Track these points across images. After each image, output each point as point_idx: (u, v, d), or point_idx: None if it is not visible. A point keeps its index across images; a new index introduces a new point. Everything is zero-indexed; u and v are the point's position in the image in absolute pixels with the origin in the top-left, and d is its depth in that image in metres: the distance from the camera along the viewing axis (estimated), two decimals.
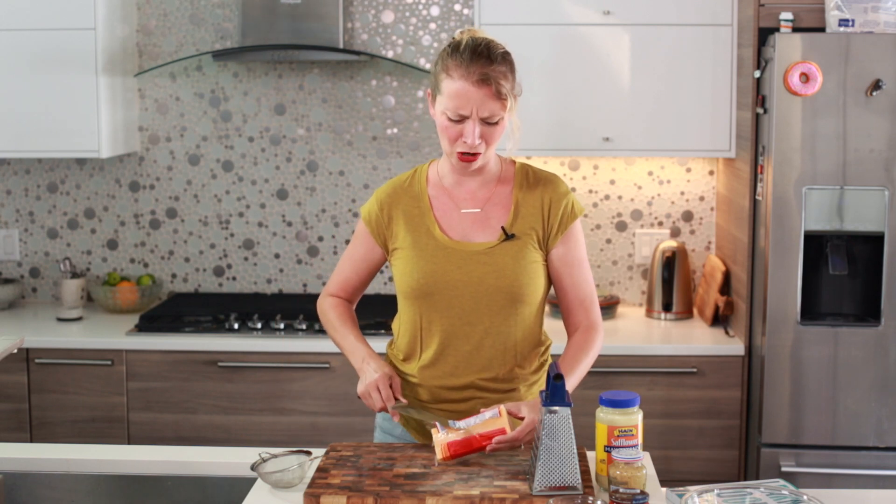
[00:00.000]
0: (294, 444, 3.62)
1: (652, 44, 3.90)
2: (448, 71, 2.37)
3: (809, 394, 3.60)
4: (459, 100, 2.35)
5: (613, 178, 4.30)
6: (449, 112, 2.37)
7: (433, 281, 2.46)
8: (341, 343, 2.58)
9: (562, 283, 2.52)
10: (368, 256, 2.58)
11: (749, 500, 2.14)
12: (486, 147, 2.41)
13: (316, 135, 4.32)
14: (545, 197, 2.49)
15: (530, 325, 2.51)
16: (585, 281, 2.53)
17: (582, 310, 2.53)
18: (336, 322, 2.60)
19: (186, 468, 2.47)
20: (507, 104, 2.37)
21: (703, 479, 3.73)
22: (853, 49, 3.47)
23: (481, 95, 2.34)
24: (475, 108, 2.35)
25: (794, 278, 3.57)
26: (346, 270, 2.63)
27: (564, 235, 2.50)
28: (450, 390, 2.50)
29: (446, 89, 2.37)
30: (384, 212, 2.54)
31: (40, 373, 3.86)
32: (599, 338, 2.52)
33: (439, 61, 2.41)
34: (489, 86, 2.34)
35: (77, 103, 3.96)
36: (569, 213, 2.50)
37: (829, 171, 3.53)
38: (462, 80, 2.34)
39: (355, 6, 4.24)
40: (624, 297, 4.36)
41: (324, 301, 2.65)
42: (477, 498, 2.13)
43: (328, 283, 2.67)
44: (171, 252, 4.40)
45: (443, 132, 2.41)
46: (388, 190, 2.56)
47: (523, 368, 2.51)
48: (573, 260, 2.51)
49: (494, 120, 2.37)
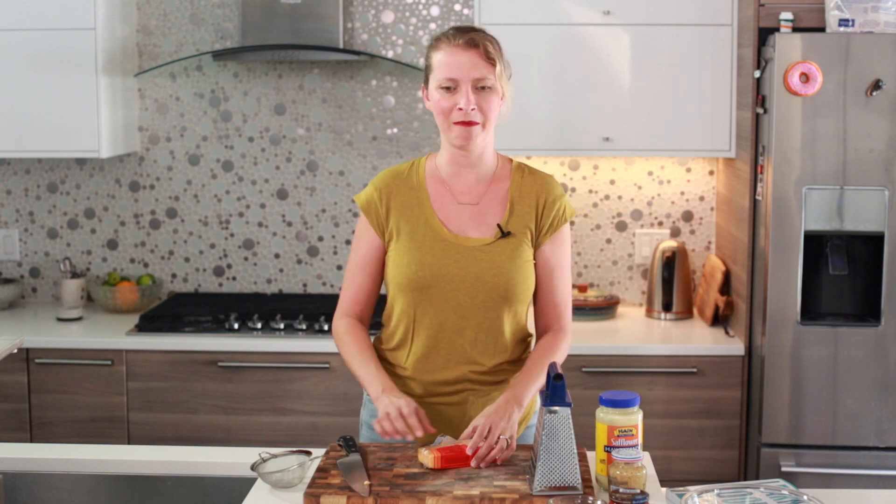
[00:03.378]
0: (294, 444, 3.62)
1: (652, 44, 3.90)
2: (436, 48, 2.44)
3: (809, 394, 3.60)
4: (449, 66, 2.40)
5: (613, 178, 4.30)
6: (441, 80, 2.41)
7: (430, 274, 2.46)
8: (358, 370, 2.51)
9: (541, 283, 2.54)
10: (373, 252, 2.55)
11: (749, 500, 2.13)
12: (483, 118, 2.42)
13: (316, 135, 4.32)
14: (540, 197, 2.52)
15: (521, 321, 2.54)
16: (565, 285, 2.56)
17: (555, 314, 2.55)
18: (354, 349, 2.53)
19: (186, 468, 2.47)
20: (497, 68, 2.41)
21: (703, 479, 3.73)
22: (853, 49, 3.47)
23: (470, 57, 2.39)
24: (465, 72, 2.39)
25: (794, 278, 3.57)
26: (355, 279, 2.57)
27: (553, 237, 2.52)
28: (442, 384, 2.51)
29: (436, 62, 2.42)
30: (382, 200, 2.53)
31: (40, 373, 3.86)
32: (567, 342, 2.55)
33: (428, 49, 2.48)
34: (477, 47, 2.40)
35: (77, 103, 3.96)
36: (561, 216, 2.53)
37: (829, 171, 3.53)
38: (450, 46, 2.41)
39: (355, 6, 4.24)
40: (624, 297, 4.36)
41: (339, 324, 2.58)
42: (477, 498, 2.13)
43: (340, 302, 2.60)
44: (171, 252, 4.40)
45: (438, 110, 2.44)
46: (387, 178, 2.56)
47: (512, 363, 2.54)
48: (557, 263, 2.53)
49: (487, 83, 2.40)
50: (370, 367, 2.49)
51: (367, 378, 2.49)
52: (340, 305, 2.60)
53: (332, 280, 4.39)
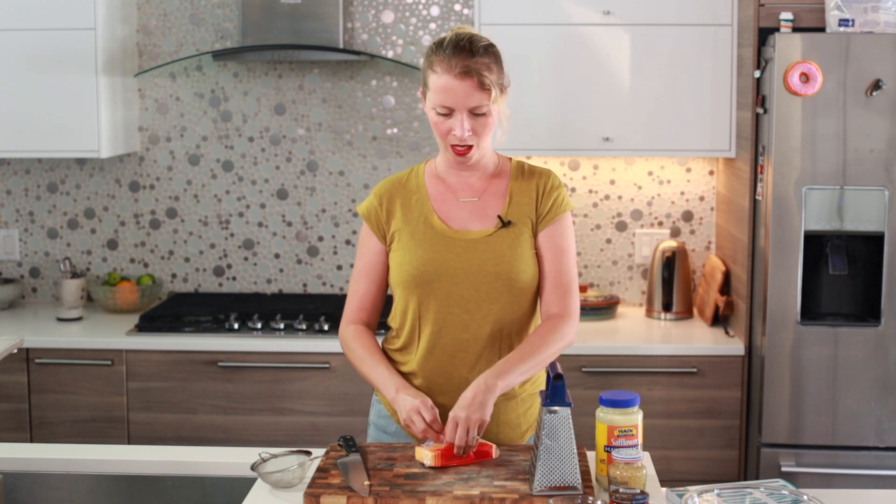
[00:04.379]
0: (294, 444, 3.62)
1: (652, 44, 3.90)
2: (433, 67, 2.42)
3: (809, 394, 3.60)
4: (445, 94, 2.40)
5: (613, 178, 4.30)
6: (437, 107, 2.42)
7: (432, 269, 2.47)
8: (369, 374, 2.52)
9: (544, 267, 2.51)
10: (377, 259, 2.56)
11: (749, 500, 2.13)
12: (478, 139, 2.44)
13: (316, 135, 4.32)
14: (539, 187, 2.53)
15: (526, 313, 2.52)
16: (568, 269, 2.51)
17: (556, 296, 2.50)
18: (363, 353, 2.53)
19: (186, 468, 2.47)
20: (492, 95, 2.41)
21: (703, 479, 3.73)
22: (853, 49, 3.47)
23: (465, 87, 2.39)
24: (461, 101, 2.39)
25: (794, 278, 3.57)
26: (360, 287, 2.58)
27: (554, 222, 2.51)
28: (447, 381, 2.50)
29: (432, 85, 2.43)
30: (383, 206, 2.55)
31: (40, 373, 3.86)
32: (568, 327, 2.47)
33: (425, 59, 2.47)
34: (472, 78, 2.38)
35: (77, 103, 3.96)
36: (559, 204, 2.52)
37: (829, 171, 3.53)
38: (445, 73, 2.40)
39: (355, 6, 4.24)
40: (624, 297, 4.36)
41: (345, 331, 2.59)
42: (477, 498, 2.13)
43: (346, 310, 2.61)
44: (171, 252, 4.40)
45: (434, 127, 2.46)
46: (387, 185, 2.58)
47: None
48: (557, 246, 2.51)
49: (482, 111, 2.41)
50: (381, 369, 2.50)
51: (379, 380, 2.49)
52: (346, 313, 2.61)
53: (331, 280, 4.39)
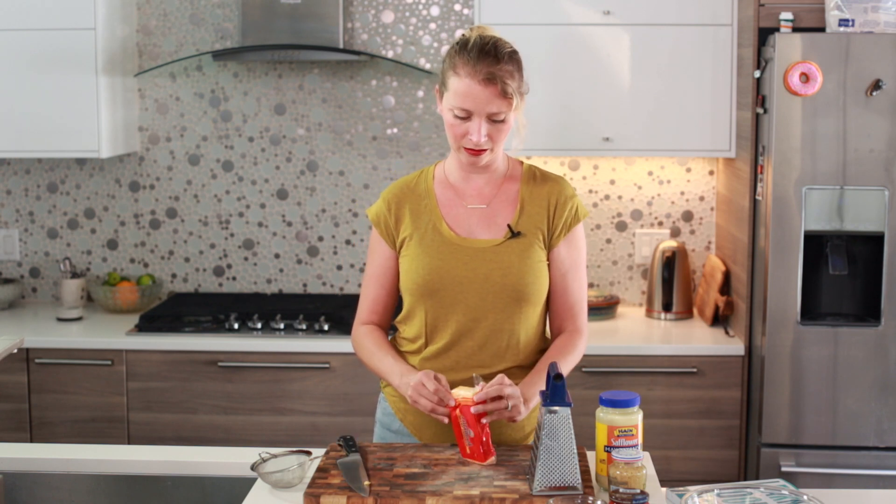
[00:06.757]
0: (294, 444, 3.62)
1: (652, 44, 3.90)
2: (455, 69, 2.39)
3: (809, 394, 3.60)
4: (466, 98, 2.37)
5: (613, 178, 4.30)
6: (455, 109, 2.39)
7: (439, 277, 2.46)
8: (379, 366, 2.53)
9: (555, 285, 2.53)
10: (387, 263, 2.56)
11: (749, 500, 2.13)
12: (493, 144, 2.42)
13: (316, 135, 4.32)
14: (552, 197, 2.50)
15: (534, 325, 2.52)
16: (580, 286, 2.54)
17: (570, 314, 2.54)
18: (372, 347, 2.55)
19: (186, 468, 2.47)
20: (513, 103, 2.38)
21: (703, 479, 3.73)
22: (853, 49, 3.47)
23: (487, 94, 2.36)
24: (481, 107, 2.37)
25: (794, 278, 3.57)
26: (371, 291, 2.59)
27: (567, 237, 2.51)
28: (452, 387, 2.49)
29: (453, 87, 2.39)
30: (392, 211, 2.54)
31: (40, 373, 3.86)
32: (582, 342, 2.54)
33: (447, 59, 2.43)
34: (495, 85, 2.35)
35: (77, 103, 3.96)
36: (573, 216, 2.51)
37: (829, 171, 3.53)
38: (469, 78, 2.36)
39: (355, 6, 4.24)
40: (624, 297, 4.36)
41: (357, 331, 2.61)
42: (477, 498, 2.13)
43: (358, 312, 2.63)
44: (171, 252, 4.40)
45: (449, 129, 2.43)
46: (395, 189, 2.57)
47: (523, 368, 2.52)
48: (572, 264, 2.52)
49: (500, 118, 2.39)
50: (387, 360, 2.51)
51: (386, 370, 2.51)
52: (359, 316, 2.62)
53: (331, 280, 4.39)
